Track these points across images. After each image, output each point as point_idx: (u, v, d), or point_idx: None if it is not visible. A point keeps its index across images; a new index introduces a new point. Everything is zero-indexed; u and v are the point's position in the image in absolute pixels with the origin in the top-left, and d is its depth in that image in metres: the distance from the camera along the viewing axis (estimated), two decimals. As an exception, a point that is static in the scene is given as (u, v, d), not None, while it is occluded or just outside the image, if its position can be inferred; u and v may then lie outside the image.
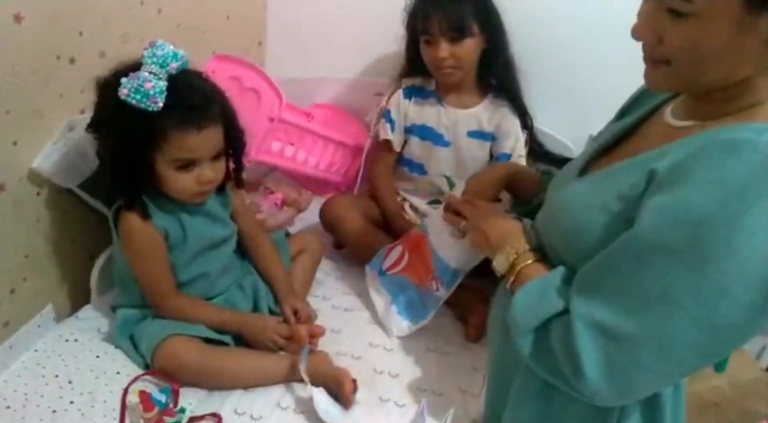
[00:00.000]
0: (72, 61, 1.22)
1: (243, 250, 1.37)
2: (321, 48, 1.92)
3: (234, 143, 1.21)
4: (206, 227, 1.23)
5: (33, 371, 1.15)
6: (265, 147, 1.61)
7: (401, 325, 1.37)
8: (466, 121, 1.64)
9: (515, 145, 1.63)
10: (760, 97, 0.75)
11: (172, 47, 1.08)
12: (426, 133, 1.68)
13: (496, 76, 1.63)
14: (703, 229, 0.68)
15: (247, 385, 1.17)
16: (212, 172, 1.14)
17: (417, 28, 1.56)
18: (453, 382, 1.24)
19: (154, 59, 1.06)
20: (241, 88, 1.51)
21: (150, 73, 1.05)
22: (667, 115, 0.85)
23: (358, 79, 1.94)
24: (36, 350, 1.20)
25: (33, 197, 1.21)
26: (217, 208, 1.26)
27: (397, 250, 1.44)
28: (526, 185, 1.21)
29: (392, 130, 1.69)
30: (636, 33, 0.77)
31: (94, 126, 1.14)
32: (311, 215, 1.70)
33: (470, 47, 1.54)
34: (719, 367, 1.40)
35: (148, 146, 1.09)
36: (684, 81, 0.77)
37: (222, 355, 1.18)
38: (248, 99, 1.50)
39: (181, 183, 1.13)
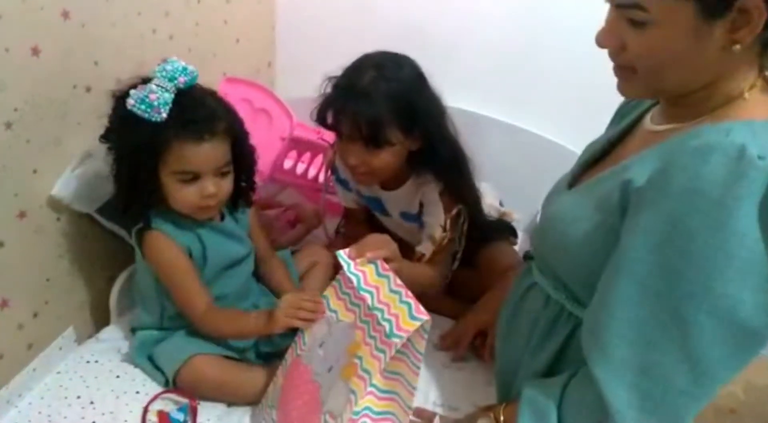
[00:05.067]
0: (88, 89, 1.26)
1: (256, 272, 1.38)
2: (328, 67, 1.95)
3: (243, 161, 1.23)
4: (225, 245, 1.25)
5: (56, 393, 1.18)
6: (278, 165, 1.64)
7: None
8: (396, 202, 1.43)
9: (435, 213, 1.33)
10: (732, 94, 0.75)
11: (182, 63, 1.12)
12: (371, 203, 1.50)
13: (431, 167, 1.32)
14: (696, 242, 0.67)
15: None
16: (215, 186, 1.15)
17: (326, 122, 1.25)
18: (467, 398, 1.25)
19: (164, 73, 1.10)
20: (253, 110, 1.54)
21: (157, 85, 1.09)
22: (647, 120, 0.86)
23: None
24: (58, 372, 1.23)
25: (53, 223, 1.24)
26: (234, 226, 1.28)
27: None
28: None
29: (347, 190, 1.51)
30: (599, 40, 0.79)
31: (105, 136, 1.17)
32: (322, 232, 1.72)
33: (388, 157, 1.25)
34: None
35: (153, 157, 1.12)
36: (650, 87, 0.79)
37: (240, 370, 1.20)
38: (260, 120, 1.54)
39: (184, 196, 1.15)
